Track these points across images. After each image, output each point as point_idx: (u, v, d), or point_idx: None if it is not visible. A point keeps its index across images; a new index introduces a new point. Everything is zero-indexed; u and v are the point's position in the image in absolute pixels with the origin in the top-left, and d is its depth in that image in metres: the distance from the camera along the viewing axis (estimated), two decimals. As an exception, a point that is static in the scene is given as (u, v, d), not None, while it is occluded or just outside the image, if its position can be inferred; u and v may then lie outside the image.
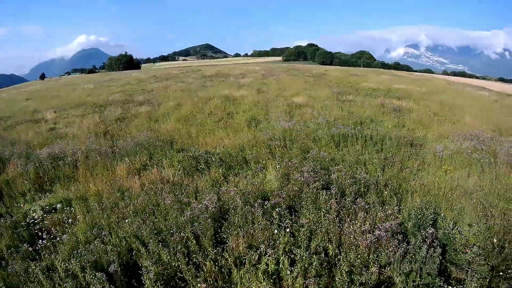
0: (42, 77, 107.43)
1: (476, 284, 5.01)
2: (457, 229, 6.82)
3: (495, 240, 6.49)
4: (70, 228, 7.43)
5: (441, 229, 6.53)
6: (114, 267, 5.38)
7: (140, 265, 5.67)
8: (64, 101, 31.41)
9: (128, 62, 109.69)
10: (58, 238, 7.10)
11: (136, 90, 34.96)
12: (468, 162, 11.02)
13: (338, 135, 13.51)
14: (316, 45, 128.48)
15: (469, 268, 5.55)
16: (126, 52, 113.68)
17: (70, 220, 7.76)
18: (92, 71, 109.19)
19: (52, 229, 7.59)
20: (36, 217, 8.29)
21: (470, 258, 5.87)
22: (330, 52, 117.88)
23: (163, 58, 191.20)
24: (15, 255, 6.47)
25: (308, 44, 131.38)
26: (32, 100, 36.68)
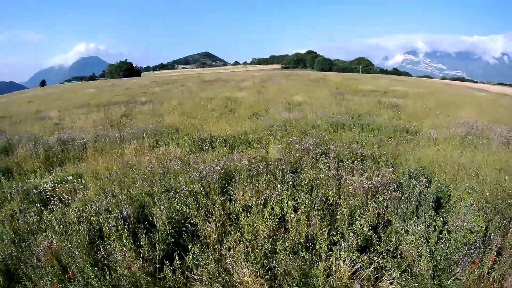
0: (43, 84, 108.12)
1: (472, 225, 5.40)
2: (451, 186, 7.26)
3: (487, 193, 6.93)
4: (82, 193, 7.81)
5: (435, 186, 6.93)
6: (127, 211, 5.75)
7: (151, 216, 6.00)
8: (66, 103, 31.79)
9: (129, 70, 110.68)
10: (70, 200, 7.51)
11: (138, 93, 35.48)
12: (461, 143, 11.50)
13: (336, 123, 14.00)
14: (315, 52, 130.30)
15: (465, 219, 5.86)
16: (126, 60, 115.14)
17: (82, 187, 8.14)
18: (92, 78, 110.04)
19: (64, 194, 7.97)
20: (47, 187, 8.63)
21: (465, 210, 6.19)
22: (329, 59, 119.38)
23: (163, 66, 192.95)
24: (27, 211, 6.85)
25: (307, 52, 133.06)
26: (34, 103, 37.01)
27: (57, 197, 7.82)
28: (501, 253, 5.06)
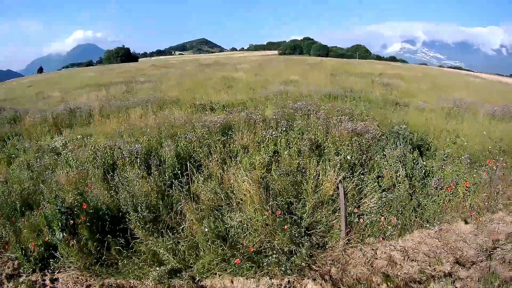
0: (40, 70, 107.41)
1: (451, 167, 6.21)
2: (433, 140, 8.03)
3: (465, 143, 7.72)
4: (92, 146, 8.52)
5: (416, 137, 7.68)
6: (138, 147, 6.50)
7: (158, 157, 6.73)
8: (67, 86, 32.07)
9: (126, 55, 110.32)
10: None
11: (138, 75, 35.83)
12: (448, 114, 12.26)
13: (329, 95, 14.70)
14: (312, 39, 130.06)
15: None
16: (124, 45, 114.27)
17: (92, 140, 8.83)
18: (89, 64, 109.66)
19: (75, 149, 8.66)
20: (58, 145, 9.30)
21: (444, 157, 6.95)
22: (326, 45, 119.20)
23: (160, 53, 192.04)
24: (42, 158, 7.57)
25: (304, 38, 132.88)
26: (34, 87, 37.19)
27: (69, 149, 8.50)
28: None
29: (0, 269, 5.04)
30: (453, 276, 4.61)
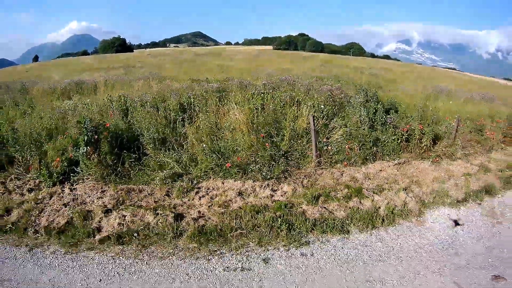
0: (36, 59, 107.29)
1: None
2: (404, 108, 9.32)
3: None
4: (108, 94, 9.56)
5: (386, 101, 8.99)
6: (147, 97, 7.69)
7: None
8: (65, 71, 32.81)
9: (122, 45, 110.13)
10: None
11: (135, 62, 36.64)
12: (428, 96, 13.61)
13: (316, 77, 15.97)
14: (307, 35, 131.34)
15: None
16: (120, 36, 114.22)
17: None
18: (85, 53, 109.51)
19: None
20: (67, 107, 10.31)
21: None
22: (321, 42, 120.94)
23: (155, 44, 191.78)
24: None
25: (299, 34, 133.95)
26: (31, 72, 37.76)
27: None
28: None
29: (23, 185, 6.02)
30: (407, 189, 5.88)
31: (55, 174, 5.95)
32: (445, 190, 6.02)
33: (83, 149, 5.88)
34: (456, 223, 5.36)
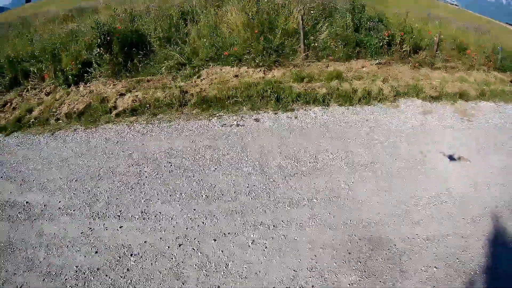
0: (28, 0, 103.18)
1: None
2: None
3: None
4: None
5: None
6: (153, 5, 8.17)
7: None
8: (61, 3, 32.16)
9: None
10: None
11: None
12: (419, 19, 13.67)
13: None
14: None
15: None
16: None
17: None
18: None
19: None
20: (74, 27, 10.76)
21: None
22: None
23: None
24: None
25: None
26: (28, 11, 36.85)
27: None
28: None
29: (39, 93, 6.60)
30: (384, 81, 6.58)
31: (70, 76, 6.59)
32: (421, 87, 6.60)
33: (96, 50, 6.60)
34: (427, 112, 6.03)
